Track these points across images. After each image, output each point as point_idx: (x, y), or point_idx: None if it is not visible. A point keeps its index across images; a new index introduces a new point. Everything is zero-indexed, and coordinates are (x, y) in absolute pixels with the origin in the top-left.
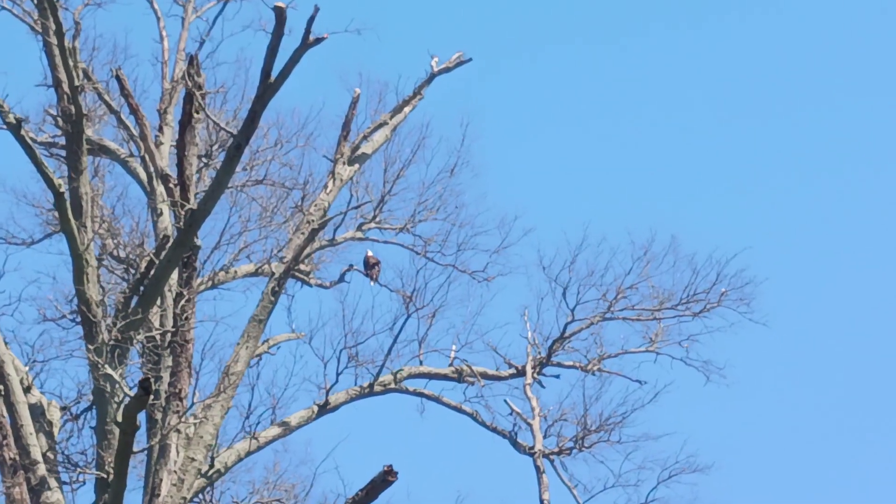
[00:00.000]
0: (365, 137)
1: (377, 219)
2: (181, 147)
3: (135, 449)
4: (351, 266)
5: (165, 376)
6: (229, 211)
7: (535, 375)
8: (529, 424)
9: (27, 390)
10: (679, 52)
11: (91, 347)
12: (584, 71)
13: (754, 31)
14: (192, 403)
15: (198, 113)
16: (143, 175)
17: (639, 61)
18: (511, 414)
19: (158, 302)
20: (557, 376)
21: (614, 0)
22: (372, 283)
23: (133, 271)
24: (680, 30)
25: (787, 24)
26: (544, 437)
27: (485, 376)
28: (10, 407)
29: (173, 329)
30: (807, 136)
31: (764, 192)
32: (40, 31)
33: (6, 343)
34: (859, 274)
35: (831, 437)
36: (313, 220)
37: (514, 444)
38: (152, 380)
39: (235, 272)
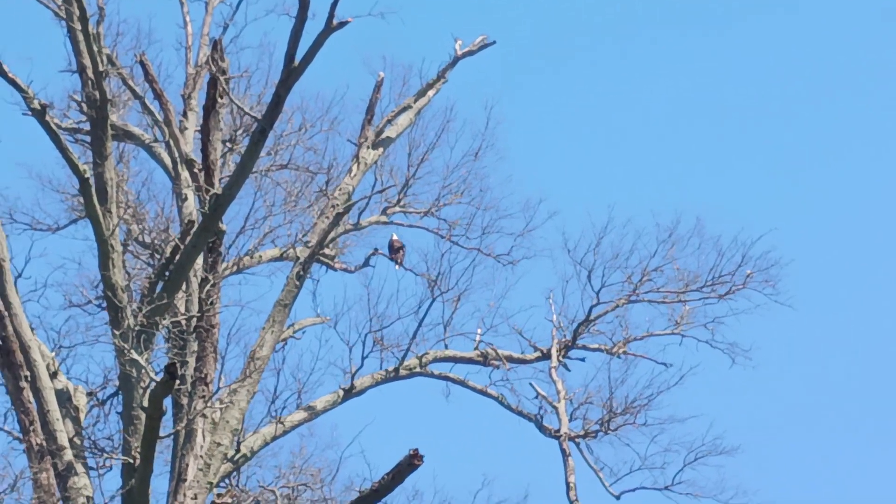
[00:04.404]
0: (389, 121)
1: (402, 203)
2: (205, 132)
3: (161, 434)
4: (376, 250)
5: (191, 361)
6: (254, 195)
7: (561, 358)
8: (555, 407)
9: (53, 376)
10: (704, 32)
11: (117, 333)
12: (607, 52)
13: (779, 17)
14: (218, 388)
15: (222, 98)
16: (167, 160)
17: (663, 42)
18: (537, 397)
19: (184, 287)
20: (583, 359)
21: None
22: (397, 267)
23: (158, 256)
24: (706, 12)
25: (811, 8)
26: (570, 420)
27: (510, 360)
28: (37, 392)
29: (199, 314)
30: (832, 115)
31: (790, 173)
32: (64, 16)
33: (32, 329)
34: (886, 255)
35: (857, 419)
36: (338, 205)
37: (540, 427)
38: (178, 365)
39: (260, 257)
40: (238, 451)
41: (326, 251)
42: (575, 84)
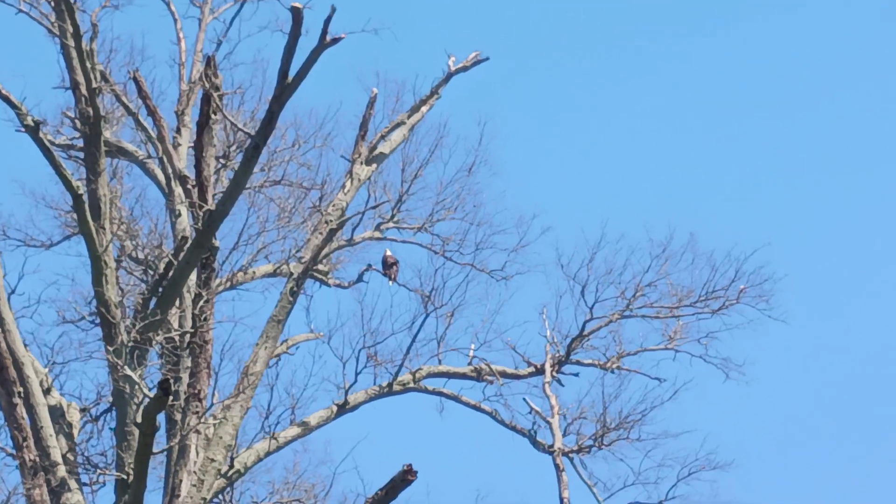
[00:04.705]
0: (382, 137)
1: (395, 218)
2: (199, 148)
3: (154, 450)
4: (369, 266)
5: (185, 377)
6: (247, 212)
7: (554, 374)
8: (549, 423)
9: (47, 392)
10: (697, 50)
11: (110, 349)
12: (601, 69)
13: (772, 30)
14: (212, 404)
15: (215, 114)
16: (161, 176)
17: (657, 59)
18: (530, 412)
19: (177, 303)
20: (576, 374)
21: (632, 1)
22: (390, 283)
23: (152, 272)
24: (698, 29)
25: (805, 22)
26: (564, 435)
27: (504, 375)
28: (30, 409)
29: (192, 330)
30: (825, 131)
31: (783, 188)
32: (58, 33)
33: (26, 345)
34: (879, 270)
35: (851, 433)
36: (331, 221)
37: (534, 442)
38: (171, 381)
39: (254, 273)
40: (231, 466)
41: (320, 267)
42: (568, 100)
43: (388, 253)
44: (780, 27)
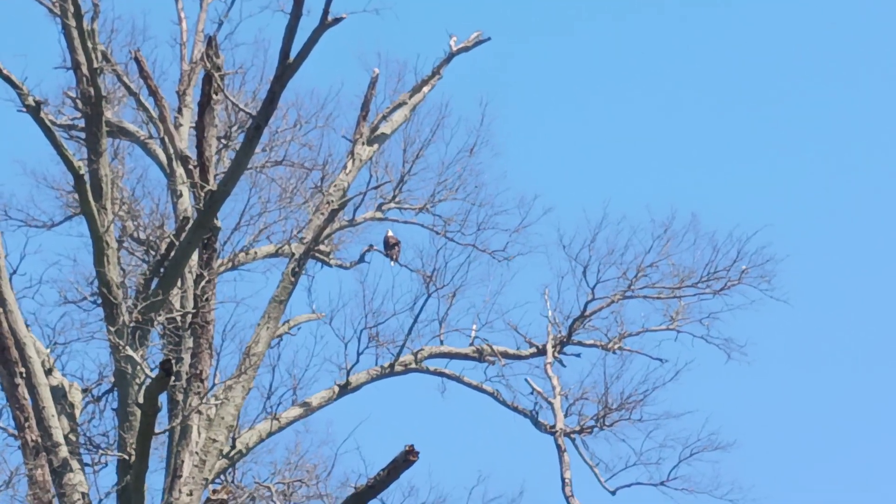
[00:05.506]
0: (384, 117)
1: (397, 199)
2: (200, 128)
3: (156, 430)
4: (371, 246)
5: (186, 358)
6: (249, 192)
7: (556, 354)
8: (550, 403)
9: (49, 372)
10: (699, 27)
11: (112, 329)
12: (602, 48)
13: (775, 13)
14: (214, 384)
15: (217, 94)
16: (162, 157)
17: (658, 38)
18: (532, 393)
19: (179, 283)
20: (578, 355)
21: None
22: (392, 263)
23: (153, 253)
24: (700, 6)
25: (808, 6)
26: (565, 415)
27: (505, 356)
28: (32, 389)
29: (194, 310)
30: (826, 111)
31: (785, 169)
32: (59, 13)
33: (27, 325)
34: (881, 250)
35: (853, 414)
36: (333, 201)
37: (536, 423)
38: (173, 361)
39: (255, 253)
40: (233, 447)
41: (322, 247)
42: (569, 79)
43: (390, 233)
44: (782, 9)
